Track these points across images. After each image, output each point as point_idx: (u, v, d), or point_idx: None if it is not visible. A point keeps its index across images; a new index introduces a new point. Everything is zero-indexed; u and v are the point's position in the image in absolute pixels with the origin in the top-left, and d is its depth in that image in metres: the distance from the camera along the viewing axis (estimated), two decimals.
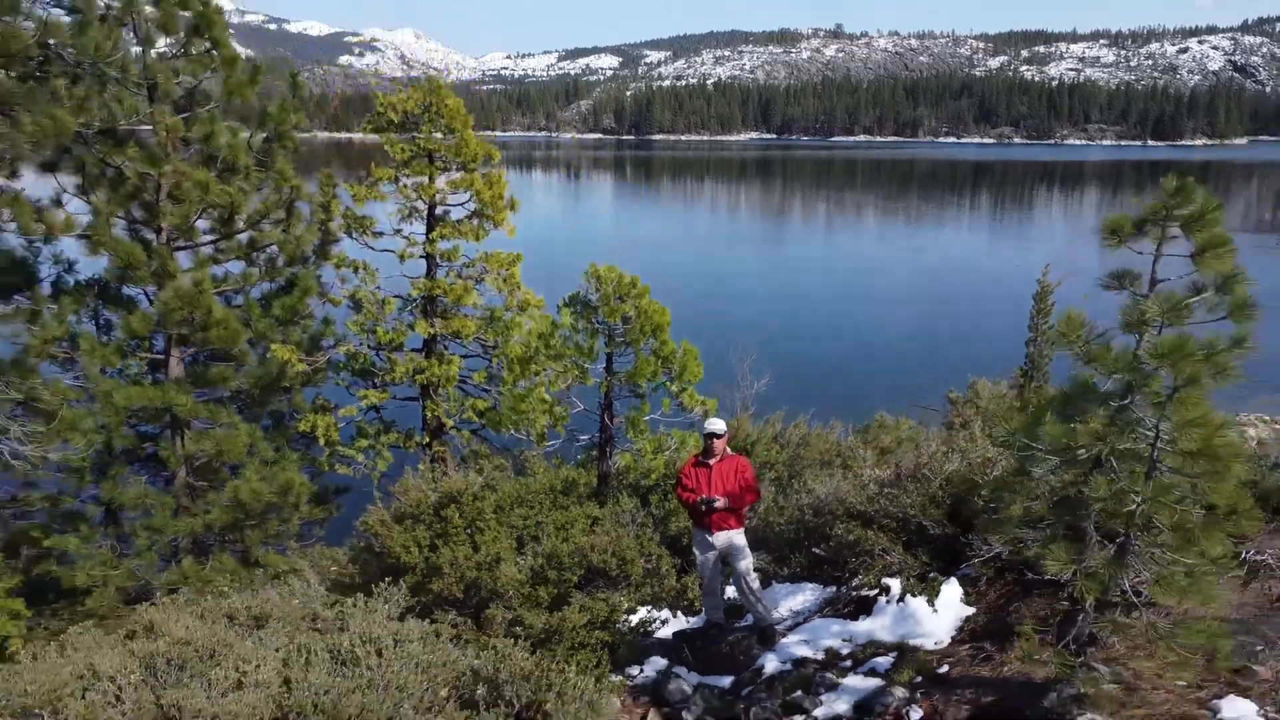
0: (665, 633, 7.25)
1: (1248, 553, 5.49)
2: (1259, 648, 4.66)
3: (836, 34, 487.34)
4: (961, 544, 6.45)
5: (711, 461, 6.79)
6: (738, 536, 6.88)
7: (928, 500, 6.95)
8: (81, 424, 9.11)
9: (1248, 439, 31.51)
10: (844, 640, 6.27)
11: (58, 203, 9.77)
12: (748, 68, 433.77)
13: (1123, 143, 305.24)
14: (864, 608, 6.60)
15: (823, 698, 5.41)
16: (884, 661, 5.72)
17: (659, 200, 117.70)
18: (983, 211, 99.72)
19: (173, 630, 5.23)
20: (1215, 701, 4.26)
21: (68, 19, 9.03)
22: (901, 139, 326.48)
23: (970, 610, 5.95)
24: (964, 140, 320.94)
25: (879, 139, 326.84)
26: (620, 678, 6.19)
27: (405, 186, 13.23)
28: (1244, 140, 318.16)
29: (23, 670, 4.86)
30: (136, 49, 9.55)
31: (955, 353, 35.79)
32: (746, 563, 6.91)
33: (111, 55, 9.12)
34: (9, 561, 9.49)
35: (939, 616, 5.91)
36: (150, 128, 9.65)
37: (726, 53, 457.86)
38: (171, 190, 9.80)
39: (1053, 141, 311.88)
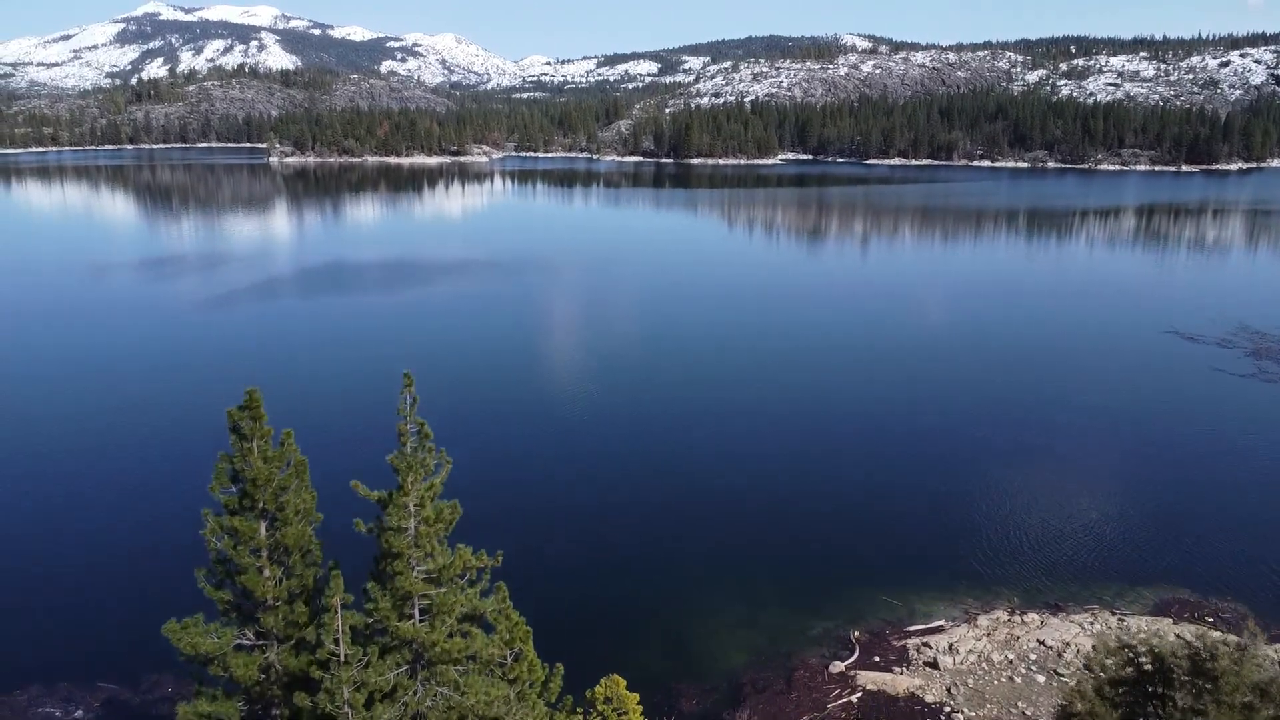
0: None
1: None
2: None
3: (874, 48, 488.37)
4: None
5: None
6: None
7: None
8: None
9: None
10: None
11: None
12: (785, 85, 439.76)
13: (1157, 168, 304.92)
14: None
15: None
16: None
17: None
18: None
19: None
20: None
21: None
22: (936, 162, 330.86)
23: None
24: (999, 164, 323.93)
25: (914, 162, 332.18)
26: None
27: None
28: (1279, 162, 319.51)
29: None
30: None
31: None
32: None
33: None
34: None
35: None
36: None
37: (764, 69, 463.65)
38: None
39: (1086, 166, 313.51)
